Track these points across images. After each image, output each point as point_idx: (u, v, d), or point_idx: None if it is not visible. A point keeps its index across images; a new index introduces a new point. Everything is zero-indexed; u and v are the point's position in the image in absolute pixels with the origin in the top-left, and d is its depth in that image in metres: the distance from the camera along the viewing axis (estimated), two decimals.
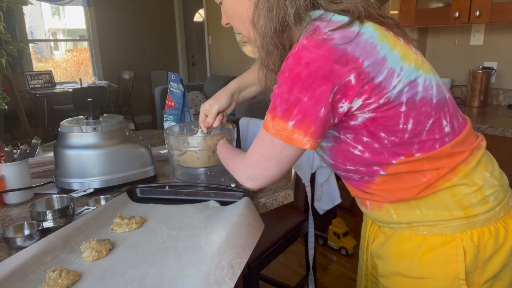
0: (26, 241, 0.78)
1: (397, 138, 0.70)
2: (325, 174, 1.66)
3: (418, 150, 0.71)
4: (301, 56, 0.65)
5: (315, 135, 0.68)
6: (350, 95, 0.66)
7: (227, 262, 0.66)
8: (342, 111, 0.68)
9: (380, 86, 0.66)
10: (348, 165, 0.77)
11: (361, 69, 0.64)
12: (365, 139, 0.72)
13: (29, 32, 5.48)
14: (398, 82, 0.67)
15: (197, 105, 4.87)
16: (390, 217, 0.80)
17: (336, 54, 0.64)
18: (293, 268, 2.28)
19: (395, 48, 0.68)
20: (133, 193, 1.02)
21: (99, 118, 1.09)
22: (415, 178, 0.73)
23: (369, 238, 0.93)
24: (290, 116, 0.67)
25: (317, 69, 0.63)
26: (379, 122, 0.69)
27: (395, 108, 0.68)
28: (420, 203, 0.75)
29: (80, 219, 0.85)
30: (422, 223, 0.77)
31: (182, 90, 1.34)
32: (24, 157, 1.02)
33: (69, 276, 0.66)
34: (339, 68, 0.63)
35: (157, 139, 1.65)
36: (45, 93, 4.95)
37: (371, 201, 0.82)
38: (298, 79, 0.64)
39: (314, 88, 0.64)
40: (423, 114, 0.69)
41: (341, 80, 0.64)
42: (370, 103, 0.67)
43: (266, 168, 0.75)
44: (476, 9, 2.01)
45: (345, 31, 0.66)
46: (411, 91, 0.68)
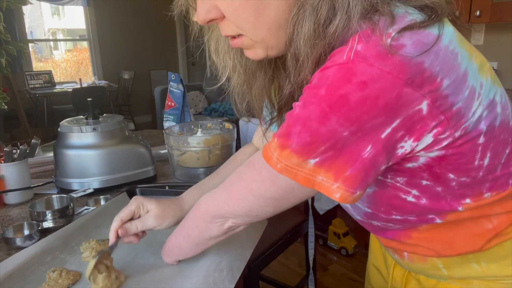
0: (25, 241, 0.78)
1: (468, 179, 0.51)
2: None
3: (489, 189, 0.53)
4: (354, 70, 0.42)
5: (351, 183, 0.46)
6: (417, 130, 0.44)
7: (227, 263, 0.66)
8: (402, 152, 0.47)
9: (459, 113, 0.45)
10: (394, 214, 0.57)
11: (438, 92, 0.43)
12: (425, 183, 0.52)
13: (28, 32, 5.48)
14: (479, 105, 0.47)
15: (197, 105, 4.87)
16: (437, 271, 0.62)
17: (410, 72, 0.42)
18: (293, 268, 2.28)
19: (472, 56, 0.48)
20: (133, 193, 1.02)
21: (98, 118, 1.09)
22: (479, 225, 0.56)
23: (393, 283, 0.72)
24: (313, 152, 0.45)
25: (377, 93, 0.42)
26: (449, 161, 0.49)
27: (472, 140, 0.48)
28: (480, 256, 0.58)
29: (80, 219, 0.85)
30: (480, 278, 0.60)
31: (182, 90, 1.35)
32: (23, 157, 1.02)
33: (69, 276, 0.66)
34: (410, 94, 0.42)
35: (157, 139, 1.65)
36: (44, 93, 4.95)
37: (411, 253, 0.63)
38: (343, 104, 0.42)
39: (366, 120, 0.43)
40: (501, 143, 0.51)
41: (409, 110, 0.43)
42: (442, 139, 0.46)
43: (256, 208, 0.54)
44: (476, 9, 2.01)
45: (418, 33, 0.43)
46: (490, 115, 0.49)
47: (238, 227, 0.61)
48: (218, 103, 4.71)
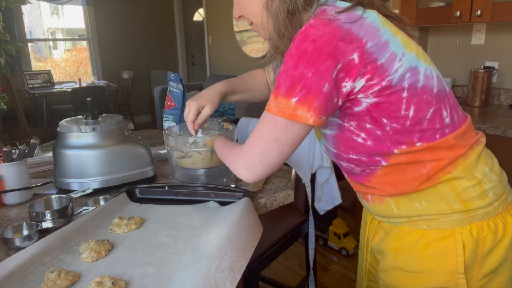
0: (24, 241, 0.78)
1: (398, 125, 0.72)
2: (326, 174, 1.66)
3: (419, 139, 0.73)
4: (308, 33, 0.68)
5: (319, 110, 0.68)
6: (353, 74, 0.67)
7: (227, 264, 0.66)
8: (346, 90, 0.69)
9: (383, 67, 0.68)
10: (351, 153, 0.78)
11: (364, 48, 0.67)
12: (368, 126, 0.73)
13: (28, 32, 5.48)
14: (400, 66, 0.69)
15: None
16: (391, 211, 0.81)
17: (341, 32, 0.67)
18: (294, 268, 2.28)
19: (397, 35, 0.71)
20: (132, 193, 1.02)
21: (98, 118, 1.09)
22: (416, 170, 0.75)
23: (369, 234, 0.95)
24: (294, 92, 0.68)
25: (322, 45, 0.66)
26: (382, 108, 0.71)
27: (397, 93, 0.70)
28: (420, 196, 0.77)
29: (79, 219, 0.85)
30: (422, 217, 0.78)
31: (182, 89, 1.34)
32: (23, 157, 1.02)
33: (68, 277, 0.65)
34: (343, 46, 0.66)
35: (156, 139, 1.65)
36: (44, 92, 4.94)
37: (372, 195, 0.84)
38: (304, 54, 0.67)
39: (319, 63, 0.66)
40: (424, 102, 0.71)
41: (345, 57, 0.66)
42: (373, 84, 0.68)
43: (266, 151, 0.73)
44: (477, 9, 2.01)
45: (350, 13, 0.70)
46: (412, 77, 0.70)
47: None
48: None
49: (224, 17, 5.18)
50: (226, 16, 5.10)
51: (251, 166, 0.76)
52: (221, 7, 5.24)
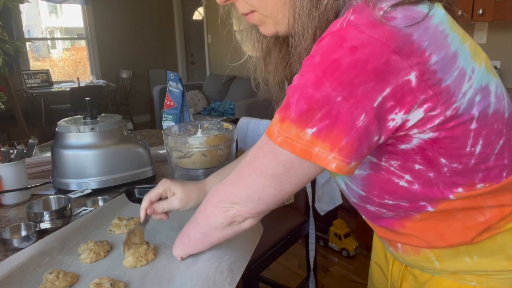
0: (23, 242, 0.78)
1: (460, 165, 0.53)
2: (326, 174, 1.66)
3: (481, 180, 0.55)
4: (345, 36, 0.46)
5: (346, 153, 0.48)
6: (407, 103, 0.47)
7: (227, 265, 0.66)
8: (394, 125, 0.49)
9: (448, 91, 0.48)
10: (387, 199, 0.59)
11: (426, 65, 0.46)
12: (417, 167, 0.54)
13: (26, 31, 5.48)
14: (469, 87, 0.50)
15: (196, 104, 4.87)
16: (430, 264, 0.63)
17: (398, 41, 0.45)
18: (294, 269, 2.28)
19: (466, 42, 0.51)
20: (131, 193, 1.02)
21: (97, 118, 1.09)
22: (471, 217, 0.57)
23: (392, 279, 0.74)
24: (311, 120, 0.47)
25: (367, 58, 0.45)
26: (442, 145, 0.51)
27: (464, 124, 0.51)
28: (471, 249, 0.59)
29: (78, 220, 0.85)
30: (471, 272, 0.61)
31: (181, 89, 1.34)
32: (21, 157, 1.02)
33: (67, 278, 0.65)
34: (398, 61, 0.45)
35: (155, 139, 1.65)
36: (42, 92, 4.94)
37: (404, 244, 0.64)
38: (335, 68, 0.45)
39: (357, 85, 0.45)
40: (494, 133, 0.53)
41: (398, 79, 0.46)
42: (434, 116, 0.49)
43: (258, 188, 0.55)
44: (479, 8, 2.01)
45: (410, 9, 0.47)
46: (483, 101, 0.51)
47: (243, 221, 0.62)
48: (218, 103, 4.71)
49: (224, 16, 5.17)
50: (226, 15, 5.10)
51: (238, 201, 0.59)
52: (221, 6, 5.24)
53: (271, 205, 0.58)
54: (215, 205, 0.62)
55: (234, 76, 4.99)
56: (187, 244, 0.70)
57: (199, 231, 0.67)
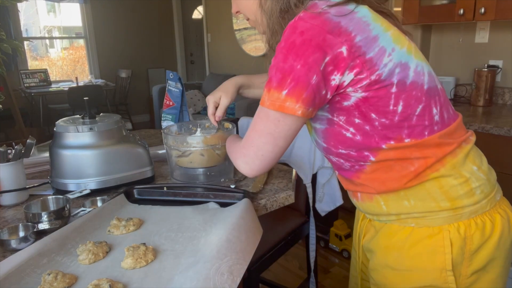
0: (21, 243, 0.78)
1: (387, 120, 0.73)
2: (327, 174, 1.66)
3: (407, 136, 0.74)
4: (296, 25, 0.70)
5: (307, 102, 0.70)
6: (341, 67, 0.69)
7: (227, 267, 0.66)
8: (334, 84, 0.70)
9: (371, 62, 0.69)
10: (340, 148, 0.79)
11: (353, 42, 0.68)
12: (357, 121, 0.75)
13: (24, 30, 5.48)
14: (389, 61, 0.71)
15: (195, 104, 4.87)
16: (380, 209, 0.83)
17: (330, 25, 0.68)
18: (294, 271, 2.28)
19: (388, 30, 0.73)
20: (130, 194, 1.02)
21: (95, 118, 1.09)
22: (404, 167, 0.76)
23: (360, 232, 0.97)
24: (284, 84, 0.70)
25: (310, 37, 0.68)
26: (371, 103, 0.72)
27: (386, 88, 0.71)
28: (408, 194, 0.78)
29: (76, 220, 0.85)
30: (410, 214, 0.79)
31: (181, 88, 1.34)
32: (19, 157, 1.02)
33: (65, 279, 0.65)
34: (331, 38, 0.68)
35: (154, 139, 1.65)
36: (40, 92, 4.95)
37: (362, 193, 0.85)
38: (292, 46, 0.69)
39: (307, 55, 0.68)
40: (413, 98, 0.73)
41: (333, 50, 0.68)
42: (362, 78, 0.70)
43: (260, 145, 0.76)
44: (481, 6, 2.01)
45: (340, 7, 0.71)
46: (402, 73, 0.72)
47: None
48: None
49: (223, 15, 5.18)
50: (226, 14, 5.11)
51: (248, 160, 0.79)
52: (221, 5, 5.24)
53: (272, 160, 0.78)
54: (234, 161, 0.84)
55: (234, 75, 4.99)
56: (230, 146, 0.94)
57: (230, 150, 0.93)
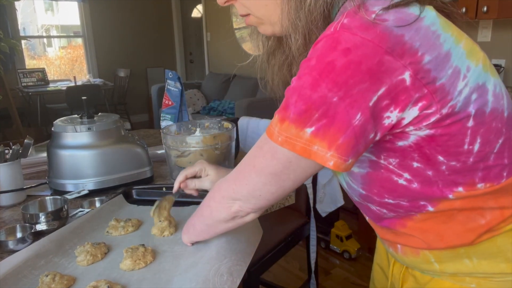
0: (18, 244, 0.78)
1: (458, 163, 0.55)
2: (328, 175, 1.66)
3: (482, 180, 0.57)
4: (339, 38, 0.49)
5: (343, 151, 0.51)
6: (402, 101, 0.50)
7: (227, 268, 0.66)
8: (389, 123, 0.52)
9: (443, 90, 0.51)
10: (387, 197, 0.61)
11: (420, 65, 0.49)
12: (416, 165, 0.56)
13: (21, 29, 5.48)
14: (465, 86, 0.52)
15: (195, 103, 4.87)
16: (429, 266, 0.65)
17: (390, 41, 0.48)
18: (295, 272, 2.28)
19: (461, 42, 0.54)
20: (129, 194, 1.02)
21: (93, 117, 1.09)
22: (471, 219, 0.59)
23: (393, 280, 0.76)
24: (309, 120, 0.50)
25: (360, 59, 0.48)
26: (439, 142, 0.54)
27: (460, 122, 0.53)
28: (471, 251, 0.61)
29: (75, 221, 0.85)
30: (471, 274, 0.63)
31: (180, 88, 1.35)
32: (16, 157, 1.02)
33: (63, 281, 0.65)
34: (391, 61, 0.48)
35: (153, 139, 1.65)
36: (38, 91, 4.94)
37: (404, 246, 0.66)
38: (330, 70, 0.48)
39: (352, 85, 0.48)
40: (493, 131, 0.55)
41: (392, 78, 0.48)
42: (429, 114, 0.51)
43: (258, 185, 0.59)
44: (484, 5, 2.01)
45: (401, 11, 0.50)
46: (480, 99, 0.53)
47: (245, 215, 0.66)
48: (217, 102, 4.71)
49: (223, 13, 5.18)
50: (225, 12, 5.10)
51: (240, 198, 0.62)
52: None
53: (271, 201, 0.62)
54: (218, 201, 0.66)
55: (234, 75, 4.99)
56: (192, 233, 0.75)
57: (204, 222, 0.72)
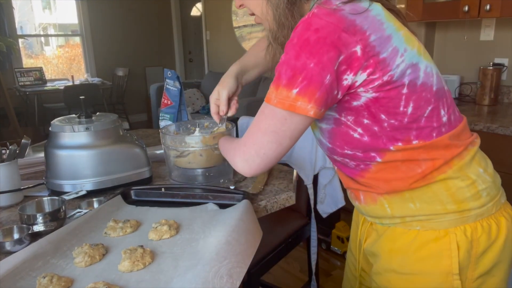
0: (15, 245, 0.78)
1: (396, 122, 0.73)
2: (329, 175, 1.66)
3: (416, 137, 0.74)
4: (311, 22, 0.69)
5: (319, 102, 0.69)
6: (355, 67, 0.68)
7: (226, 270, 0.66)
8: (347, 83, 0.70)
9: (385, 62, 0.69)
10: (346, 149, 0.79)
11: (367, 41, 0.68)
12: (366, 122, 0.75)
13: (18, 27, 5.48)
14: (402, 62, 0.71)
15: (194, 103, 4.87)
16: (384, 211, 0.83)
17: (345, 23, 0.68)
18: (295, 274, 2.28)
19: (401, 30, 0.73)
20: (127, 195, 1.02)
21: (91, 117, 1.09)
22: (411, 169, 0.76)
23: (361, 237, 0.96)
24: (295, 83, 0.69)
25: (326, 35, 0.67)
26: (381, 103, 0.72)
27: (397, 89, 0.71)
28: (414, 196, 0.78)
29: (72, 222, 0.85)
30: (416, 217, 0.79)
31: (179, 87, 1.35)
32: (13, 157, 1.02)
33: (61, 283, 0.65)
34: (347, 37, 0.67)
35: (152, 139, 1.65)
36: (35, 90, 4.95)
37: (365, 192, 0.85)
38: (306, 44, 0.67)
39: (322, 53, 0.67)
40: (423, 99, 0.73)
41: (348, 49, 0.67)
42: (374, 79, 0.70)
43: (263, 143, 0.75)
44: (486, 3, 2.01)
45: (355, 4, 0.71)
46: (413, 74, 0.72)
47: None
48: None
49: (222, 12, 5.18)
50: (225, 11, 5.11)
51: (248, 158, 0.77)
52: (220, 1, 5.24)
53: (272, 161, 0.77)
54: (231, 160, 0.84)
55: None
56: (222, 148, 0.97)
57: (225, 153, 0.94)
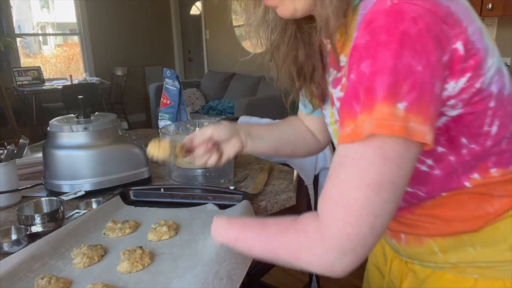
0: (13, 246, 0.78)
1: (477, 146, 0.55)
2: None
3: (494, 164, 0.56)
4: (401, 9, 0.46)
5: (433, 123, 0.47)
6: (456, 71, 0.49)
7: (226, 271, 0.66)
8: (447, 95, 0.51)
9: (481, 63, 0.51)
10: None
11: (467, 35, 0.49)
12: (440, 150, 0.55)
13: (16, 26, 5.48)
14: (492, 64, 0.52)
15: (194, 103, 4.87)
16: (433, 256, 0.64)
17: (442, 11, 0.48)
18: (295, 275, 2.28)
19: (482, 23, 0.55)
20: (126, 196, 1.02)
21: (90, 117, 1.09)
22: (480, 207, 0.59)
23: (391, 277, 0.75)
24: (399, 93, 0.45)
25: (428, 27, 0.46)
26: (465, 122, 0.53)
27: (484, 101, 0.52)
28: (475, 239, 0.60)
29: (71, 223, 0.85)
30: (474, 263, 0.62)
31: (178, 87, 1.35)
32: (11, 157, 1.02)
33: (59, 284, 0.65)
34: (447, 30, 0.48)
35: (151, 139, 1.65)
36: (33, 90, 4.95)
37: (408, 235, 0.66)
38: (407, 38, 0.45)
39: (429, 52, 0.46)
40: (508, 115, 0.55)
41: (451, 46, 0.48)
42: (466, 87, 0.51)
43: (379, 207, 0.47)
44: (488, 2, 2.01)
45: None
46: (499, 81, 0.53)
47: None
48: (216, 101, 4.71)
49: (222, 11, 5.17)
50: (225, 9, 5.10)
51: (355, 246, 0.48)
52: (220, 0, 5.24)
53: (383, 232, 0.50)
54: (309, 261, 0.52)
55: (233, 73, 5.00)
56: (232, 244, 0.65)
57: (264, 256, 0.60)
